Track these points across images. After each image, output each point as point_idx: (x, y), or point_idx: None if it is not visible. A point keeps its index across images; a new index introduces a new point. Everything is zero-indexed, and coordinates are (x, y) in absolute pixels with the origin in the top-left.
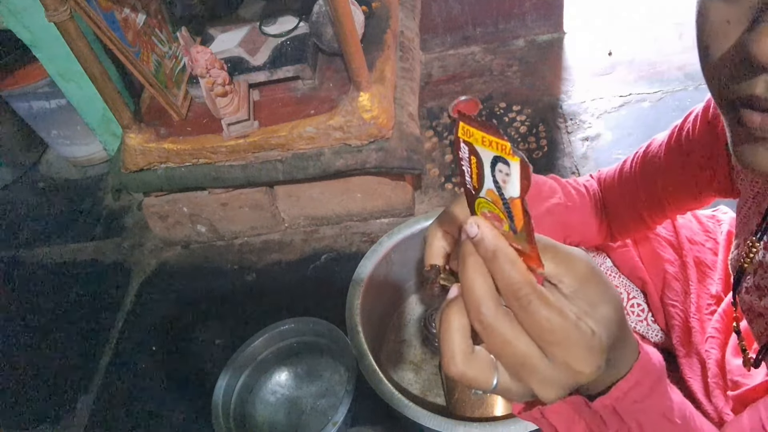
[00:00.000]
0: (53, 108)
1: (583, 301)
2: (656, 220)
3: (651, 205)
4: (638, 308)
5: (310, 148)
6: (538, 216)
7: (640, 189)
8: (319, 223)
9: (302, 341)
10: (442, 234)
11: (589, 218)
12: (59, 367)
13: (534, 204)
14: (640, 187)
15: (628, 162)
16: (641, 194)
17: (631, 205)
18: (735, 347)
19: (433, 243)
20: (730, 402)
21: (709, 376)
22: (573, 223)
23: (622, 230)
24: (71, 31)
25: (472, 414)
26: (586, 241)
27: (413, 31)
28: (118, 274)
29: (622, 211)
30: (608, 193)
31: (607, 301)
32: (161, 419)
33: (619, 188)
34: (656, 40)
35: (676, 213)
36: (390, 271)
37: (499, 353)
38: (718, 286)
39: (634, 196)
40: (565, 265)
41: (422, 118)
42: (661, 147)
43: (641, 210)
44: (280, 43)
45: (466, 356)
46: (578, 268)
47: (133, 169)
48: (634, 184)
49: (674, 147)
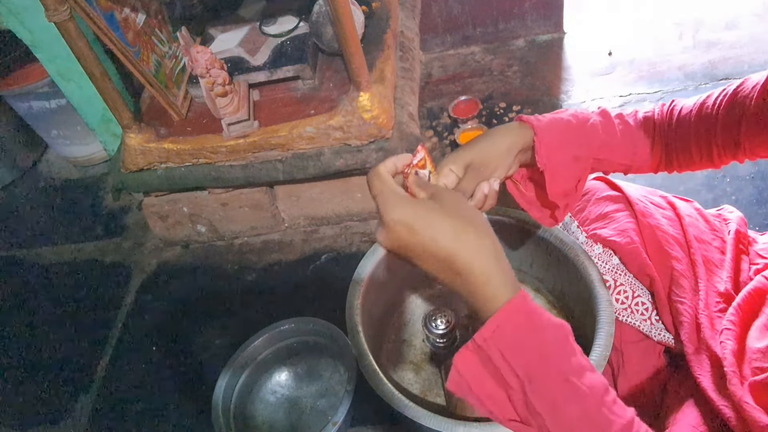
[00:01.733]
0: (53, 108)
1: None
2: (725, 160)
3: (726, 144)
4: (642, 307)
5: (310, 148)
6: (563, 160)
7: (719, 126)
8: (319, 223)
9: (302, 341)
10: (448, 170)
11: (630, 149)
12: (59, 367)
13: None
14: (720, 125)
15: (711, 98)
16: (719, 132)
17: (704, 140)
18: (761, 329)
19: (437, 177)
20: (748, 390)
21: (726, 365)
22: (612, 158)
23: (687, 163)
24: (71, 31)
25: (472, 414)
26: (636, 167)
27: (413, 31)
28: (118, 274)
29: (693, 145)
30: (681, 125)
31: (450, 211)
32: (161, 419)
33: (696, 122)
34: (656, 40)
35: (748, 157)
36: (390, 271)
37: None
38: (727, 284)
39: (710, 132)
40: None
41: (422, 118)
42: (755, 88)
43: (713, 148)
44: (280, 43)
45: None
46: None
47: (133, 169)
48: (714, 120)
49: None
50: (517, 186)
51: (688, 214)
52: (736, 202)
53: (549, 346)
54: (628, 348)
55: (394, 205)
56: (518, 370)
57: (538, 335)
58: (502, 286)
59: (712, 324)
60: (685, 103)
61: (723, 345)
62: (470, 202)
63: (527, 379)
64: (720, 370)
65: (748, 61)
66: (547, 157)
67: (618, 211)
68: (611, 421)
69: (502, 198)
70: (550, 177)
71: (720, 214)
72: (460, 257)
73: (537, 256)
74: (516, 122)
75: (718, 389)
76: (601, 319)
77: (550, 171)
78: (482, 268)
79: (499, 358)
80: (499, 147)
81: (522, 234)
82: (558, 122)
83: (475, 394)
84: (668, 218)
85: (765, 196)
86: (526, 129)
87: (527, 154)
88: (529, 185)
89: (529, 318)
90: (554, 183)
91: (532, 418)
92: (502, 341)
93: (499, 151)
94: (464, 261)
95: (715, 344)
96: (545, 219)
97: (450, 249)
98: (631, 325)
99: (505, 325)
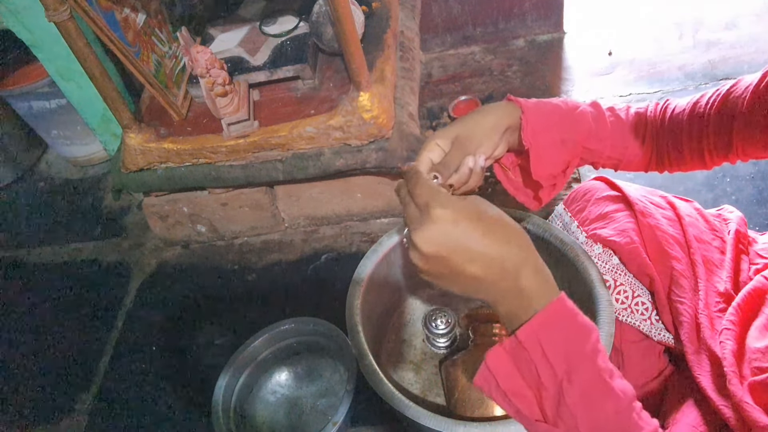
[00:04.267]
0: (53, 108)
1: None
2: (716, 161)
3: (717, 145)
4: (642, 307)
5: (310, 148)
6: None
7: (711, 127)
8: (319, 223)
9: (302, 341)
10: (434, 144)
11: (620, 142)
12: (59, 367)
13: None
14: (712, 126)
15: (704, 99)
16: (710, 132)
17: (696, 140)
18: (761, 329)
19: (423, 152)
20: (747, 390)
21: (725, 365)
22: (601, 149)
23: (678, 162)
24: (71, 31)
25: (472, 414)
26: (625, 162)
27: (413, 31)
28: (118, 274)
29: (684, 144)
30: (674, 125)
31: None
32: (161, 419)
33: (688, 122)
34: (656, 40)
35: (739, 158)
36: (390, 271)
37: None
38: (727, 284)
39: (702, 132)
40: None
41: (422, 118)
42: (747, 89)
43: (705, 148)
44: (280, 43)
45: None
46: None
47: (133, 169)
48: (706, 121)
49: (763, 91)
50: (505, 171)
51: (688, 214)
52: (736, 202)
53: (588, 345)
54: (628, 348)
55: (448, 202)
56: (557, 367)
57: (579, 334)
58: (547, 286)
59: (712, 324)
60: (678, 102)
61: (722, 345)
62: (454, 176)
63: (566, 376)
64: (720, 370)
65: (748, 61)
66: (533, 135)
67: (618, 211)
68: (640, 426)
69: (491, 195)
70: (536, 156)
71: (720, 214)
72: (512, 256)
73: None
74: (504, 101)
75: (718, 389)
76: (601, 319)
77: (535, 150)
78: (535, 266)
79: (539, 355)
80: (485, 123)
81: None
82: (546, 104)
83: (502, 390)
84: (668, 218)
85: (765, 196)
86: (514, 107)
87: (515, 134)
88: (517, 171)
89: (572, 317)
90: (540, 163)
91: (562, 419)
92: (546, 337)
93: (485, 127)
94: (515, 261)
95: (714, 344)
96: (530, 201)
97: (501, 250)
98: (631, 325)
99: (549, 323)
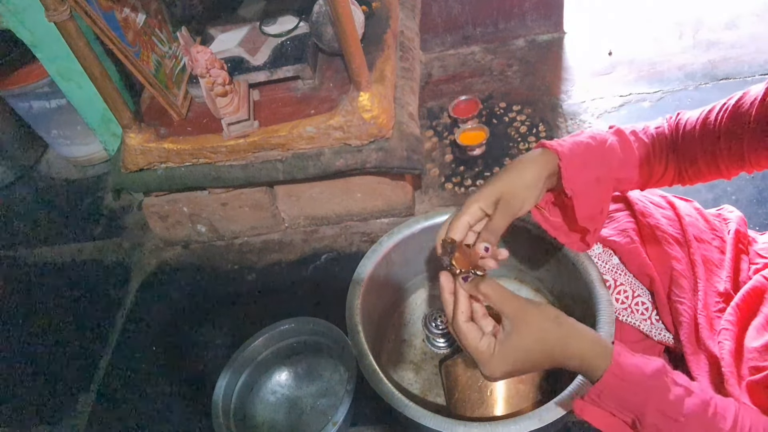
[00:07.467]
0: (53, 108)
1: (505, 331)
2: (732, 172)
3: (731, 158)
4: (642, 307)
5: (310, 148)
6: (587, 183)
7: (723, 141)
8: (319, 223)
9: (302, 341)
10: (477, 208)
11: (647, 166)
12: (59, 367)
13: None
14: (723, 140)
15: (713, 113)
16: (723, 147)
17: (710, 155)
18: (758, 329)
19: (463, 216)
20: (745, 390)
21: (723, 366)
22: (631, 176)
23: (697, 175)
24: (71, 31)
25: (472, 414)
26: (653, 182)
27: (413, 31)
28: (118, 274)
29: (700, 159)
30: (687, 141)
31: (524, 335)
32: (161, 419)
33: (700, 137)
34: (656, 40)
35: (754, 169)
36: (390, 271)
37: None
38: (726, 284)
39: (714, 147)
40: (506, 304)
41: (422, 118)
42: (754, 102)
43: (719, 161)
44: (280, 43)
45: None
46: (513, 307)
47: (133, 169)
48: (717, 135)
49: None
50: (541, 212)
51: (687, 214)
52: (736, 202)
53: (646, 391)
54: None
55: (528, 312)
56: (625, 416)
57: (634, 387)
58: (602, 352)
59: (711, 324)
60: (689, 116)
61: (721, 345)
62: None
63: (638, 420)
64: (718, 370)
65: (748, 61)
66: (573, 181)
67: (618, 211)
68: (721, 429)
69: None
70: (578, 201)
71: (720, 213)
72: (572, 344)
73: (537, 255)
74: (538, 149)
75: (716, 389)
76: (601, 319)
77: (578, 195)
78: (592, 342)
79: (613, 408)
80: (526, 177)
81: (522, 234)
82: (578, 145)
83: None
84: (668, 218)
85: (765, 196)
86: (550, 155)
87: (552, 179)
88: (554, 210)
89: (626, 375)
90: (581, 207)
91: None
92: (609, 398)
93: (527, 182)
94: (575, 347)
95: (713, 344)
96: (574, 243)
97: (560, 341)
98: (631, 324)
99: (607, 387)
